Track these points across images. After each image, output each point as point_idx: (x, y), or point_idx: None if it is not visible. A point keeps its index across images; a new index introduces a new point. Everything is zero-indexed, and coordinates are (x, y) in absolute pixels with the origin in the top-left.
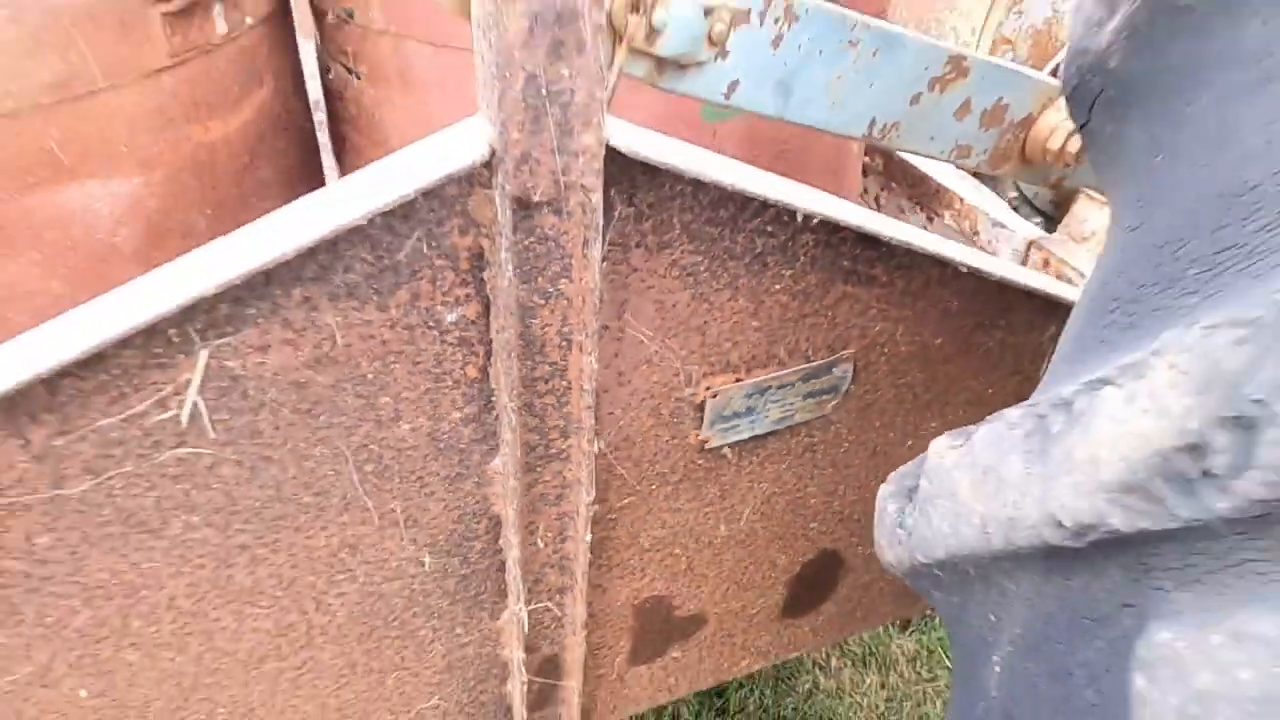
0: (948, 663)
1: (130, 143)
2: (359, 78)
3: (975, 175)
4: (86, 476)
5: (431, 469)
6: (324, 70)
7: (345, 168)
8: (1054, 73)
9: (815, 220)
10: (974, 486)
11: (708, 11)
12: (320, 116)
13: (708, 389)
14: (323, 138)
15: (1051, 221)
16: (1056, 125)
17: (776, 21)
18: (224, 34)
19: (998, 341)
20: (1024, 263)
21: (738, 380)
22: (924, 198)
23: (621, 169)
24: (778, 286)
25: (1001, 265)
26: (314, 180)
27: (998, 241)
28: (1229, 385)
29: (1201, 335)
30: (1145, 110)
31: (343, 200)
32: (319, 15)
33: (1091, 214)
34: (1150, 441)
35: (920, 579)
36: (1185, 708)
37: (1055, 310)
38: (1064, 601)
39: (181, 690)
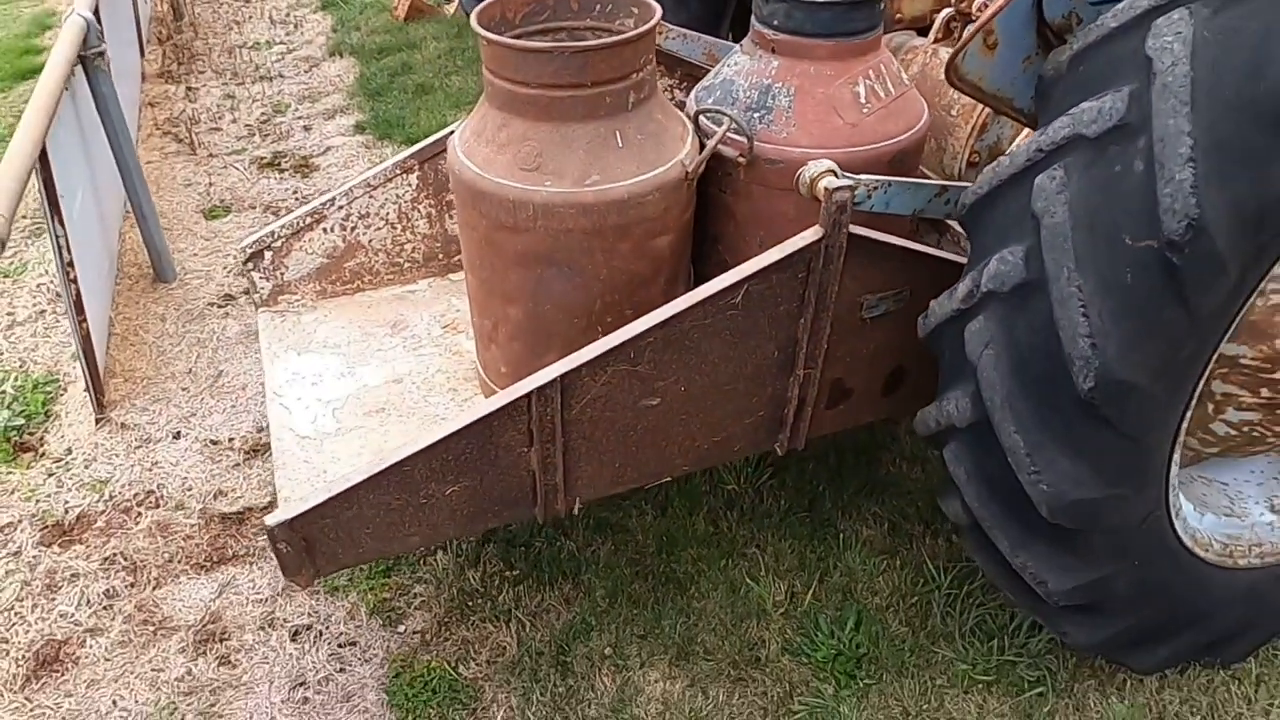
0: None
1: (671, 222)
2: (725, 193)
3: None
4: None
5: (786, 331)
6: (701, 190)
7: (715, 227)
8: None
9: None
10: None
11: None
12: None
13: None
14: None
15: None
16: None
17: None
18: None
19: None
20: None
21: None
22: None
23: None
24: None
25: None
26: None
27: None
28: None
29: None
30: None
31: (770, 256)
32: (713, 176)
33: None
34: None
35: None
36: None
37: None
38: None
39: (698, 399)
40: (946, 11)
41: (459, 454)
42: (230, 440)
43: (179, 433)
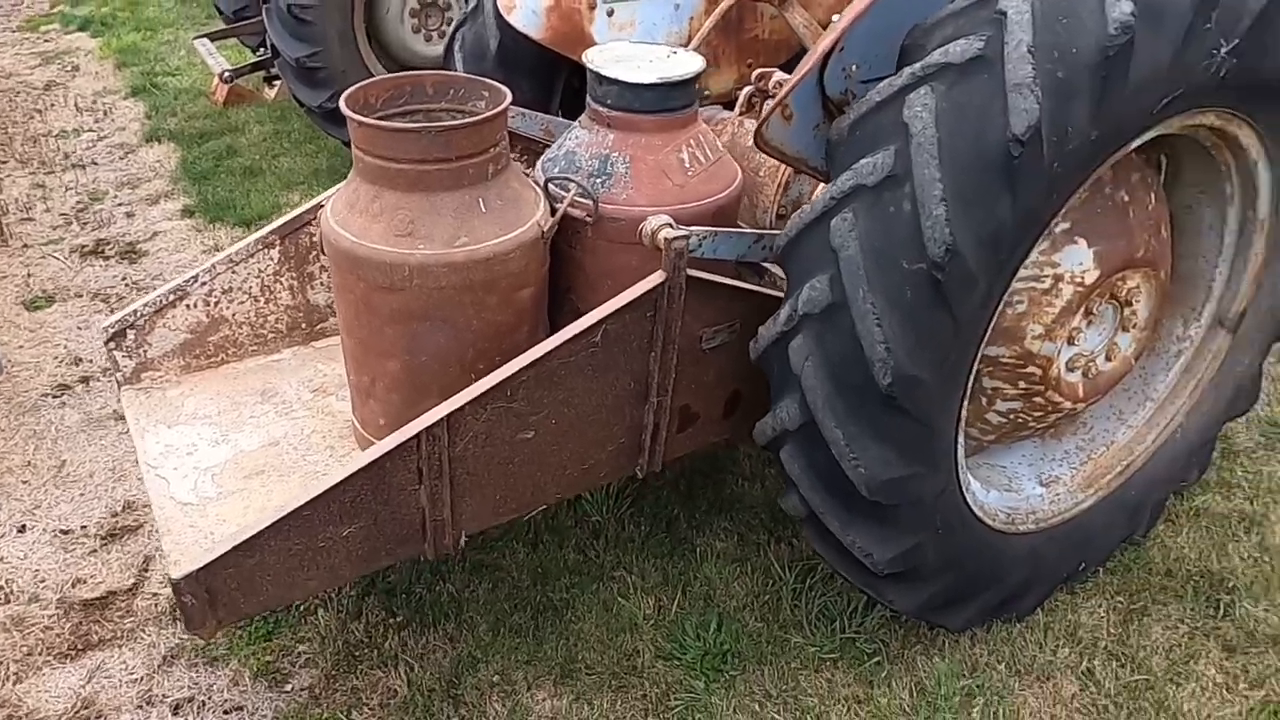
0: None
1: (531, 276)
2: (574, 249)
3: None
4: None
5: (640, 364)
6: (552, 247)
7: (565, 279)
8: None
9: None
10: None
11: None
12: None
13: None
14: None
15: None
16: None
17: (709, 237)
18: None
19: None
20: None
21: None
22: None
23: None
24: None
25: None
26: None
27: None
28: None
29: None
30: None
31: (623, 298)
32: (563, 234)
33: None
34: None
35: None
36: None
37: None
38: None
39: (567, 430)
40: (748, 89)
41: (355, 495)
42: (83, 528)
43: (24, 526)
